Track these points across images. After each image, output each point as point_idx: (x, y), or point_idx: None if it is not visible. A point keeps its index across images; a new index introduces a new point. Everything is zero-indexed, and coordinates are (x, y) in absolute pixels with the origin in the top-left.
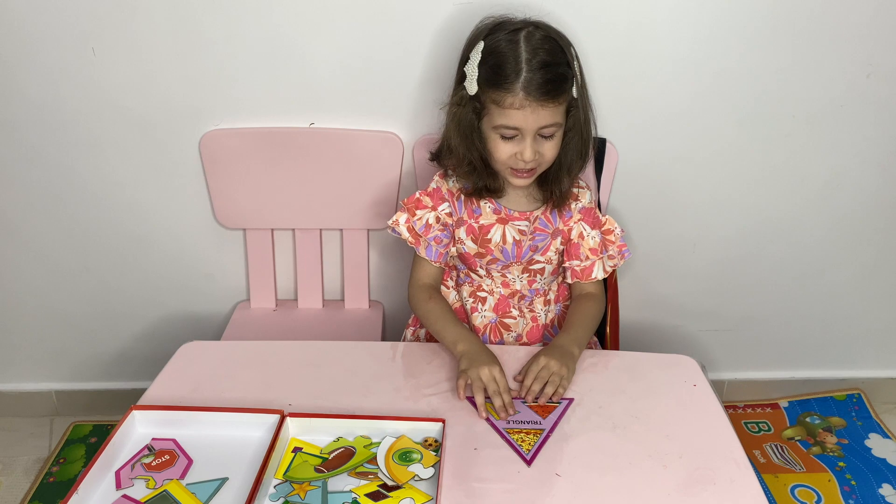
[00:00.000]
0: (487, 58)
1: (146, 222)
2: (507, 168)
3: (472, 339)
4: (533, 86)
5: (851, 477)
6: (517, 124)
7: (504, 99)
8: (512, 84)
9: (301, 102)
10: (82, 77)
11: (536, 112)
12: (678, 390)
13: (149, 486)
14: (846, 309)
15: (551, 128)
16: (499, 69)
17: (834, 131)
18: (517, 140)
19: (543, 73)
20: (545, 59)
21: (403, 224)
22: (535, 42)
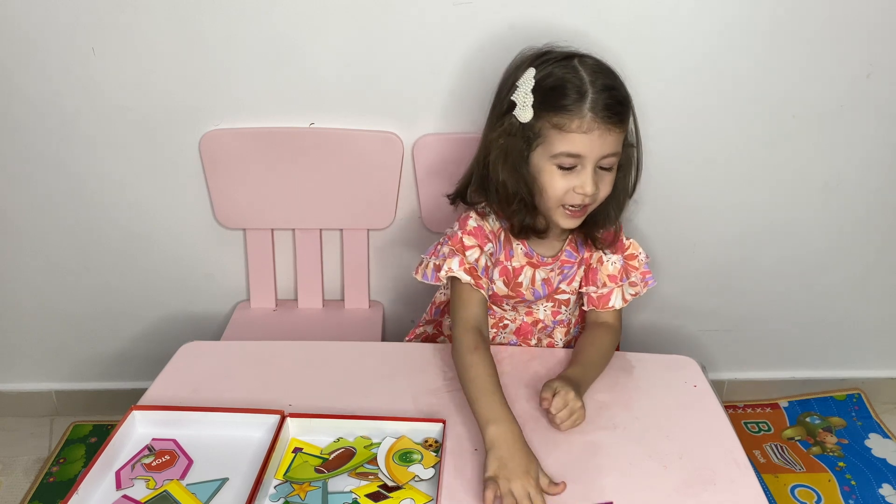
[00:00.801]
0: (543, 82)
1: (146, 222)
2: (559, 206)
3: (508, 423)
4: (600, 106)
5: (851, 477)
6: (581, 150)
7: (569, 122)
8: (578, 105)
9: (301, 102)
10: (82, 77)
11: (603, 137)
12: (678, 391)
13: (149, 487)
14: (846, 309)
15: (612, 158)
16: (561, 91)
17: (834, 132)
18: (576, 172)
19: (609, 94)
20: (607, 81)
21: (459, 268)
22: (591, 66)
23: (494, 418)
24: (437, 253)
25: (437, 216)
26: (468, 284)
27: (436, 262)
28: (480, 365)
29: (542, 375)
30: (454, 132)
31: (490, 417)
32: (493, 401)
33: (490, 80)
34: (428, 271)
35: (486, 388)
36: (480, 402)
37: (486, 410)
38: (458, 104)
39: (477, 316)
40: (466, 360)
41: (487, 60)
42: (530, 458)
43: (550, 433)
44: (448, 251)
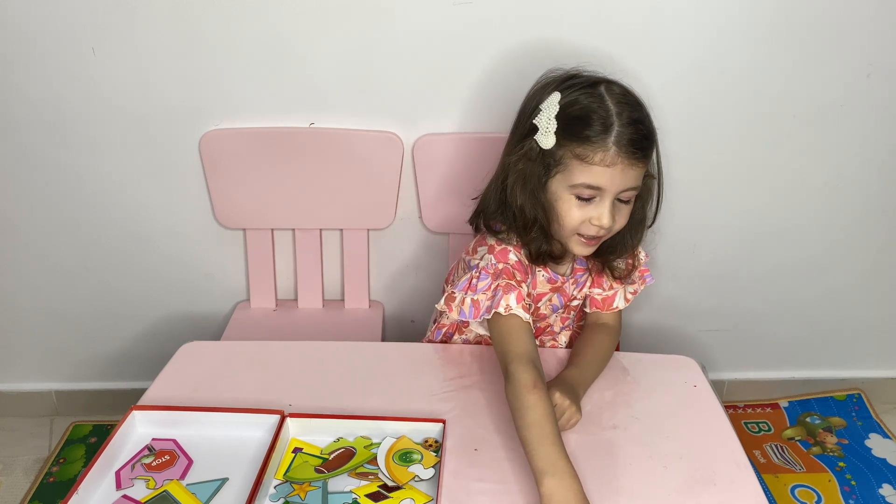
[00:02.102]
0: (567, 109)
1: (146, 222)
2: (574, 234)
3: (568, 478)
4: (624, 141)
5: (851, 477)
6: (602, 184)
7: (592, 154)
8: (603, 138)
9: (301, 102)
10: (82, 77)
11: (625, 171)
12: (678, 391)
13: (149, 487)
14: (846, 309)
15: (631, 191)
16: (586, 121)
17: (834, 131)
18: (594, 203)
19: (635, 129)
20: (634, 114)
21: (518, 305)
22: (618, 96)
23: (554, 471)
24: (472, 287)
25: (437, 216)
26: (522, 319)
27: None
28: (540, 407)
29: (549, 374)
30: (454, 132)
31: (549, 469)
32: (553, 451)
33: (491, 80)
34: (465, 307)
35: (545, 434)
36: (539, 450)
37: (545, 461)
38: (458, 104)
39: (531, 350)
40: (526, 400)
41: (487, 60)
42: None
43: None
44: (505, 284)
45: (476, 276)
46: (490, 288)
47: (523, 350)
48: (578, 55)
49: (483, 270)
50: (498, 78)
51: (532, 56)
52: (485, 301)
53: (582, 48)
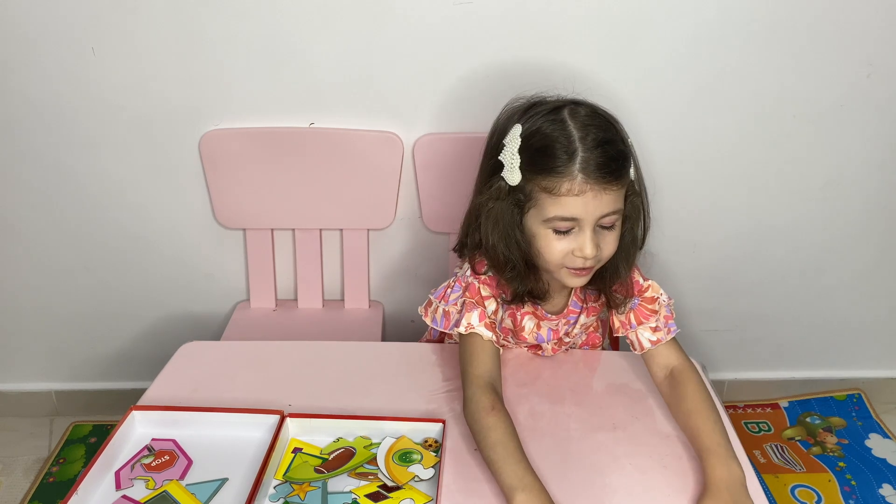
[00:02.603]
0: (529, 141)
1: (146, 222)
2: (561, 268)
3: (535, 491)
4: (591, 166)
5: (852, 477)
6: (575, 214)
7: (558, 185)
8: (567, 167)
9: (301, 102)
10: (82, 77)
11: (598, 197)
12: None
13: (148, 487)
14: (846, 309)
15: (612, 216)
16: (548, 151)
17: (834, 132)
18: (574, 234)
19: (602, 151)
20: (600, 136)
21: (480, 324)
22: (582, 119)
23: (522, 486)
24: (446, 297)
25: (437, 216)
26: (483, 338)
27: (445, 308)
28: (500, 427)
29: (543, 378)
30: (454, 132)
31: (517, 485)
32: (518, 467)
33: (491, 79)
34: (437, 316)
35: (509, 452)
36: (505, 468)
37: (512, 477)
38: (458, 104)
39: (490, 371)
40: (485, 423)
41: (487, 60)
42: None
43: (548, 435)
44: (466, 302)
45: (451, 286)
46: (458, 301)
47: (481, 372)
48: (579, 52)
49: (458, 281)
50: (498, 77)
51: (533, 55)
52: (454, 314)
53: (583, 45)
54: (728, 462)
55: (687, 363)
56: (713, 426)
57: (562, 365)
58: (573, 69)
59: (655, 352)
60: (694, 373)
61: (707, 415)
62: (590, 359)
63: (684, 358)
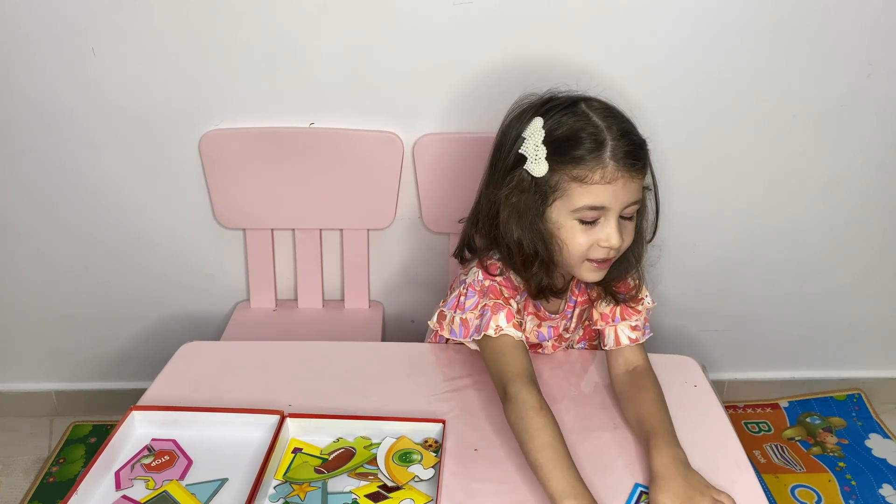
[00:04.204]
0: (554, 132)
1: (146, 222)
2: (583, 261)
3: (586, 499)
4: (621, 154)
5: (852, 477)
6: (605, 202)
7: (591, 174)
8: (598, 155)
9: (301, 102)
10: (81, 77)
11: (627, 185)
12: (679, 391)
13: (148, 487)
14: (847, 309)
15: (635, 205)
16: (576, 141)
17: (834, 131)
18: (599, 224)
19: (628, 140)
20: (624, 126)
21: (509, 324)
22: (601, 111)
23: (574, 493)
24: (461, 305)
25: (437, 216)
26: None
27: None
28: (550, 430)
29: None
30: (455, 132)
31: (568, 492)
32: (569, 474)
33: (491, 79)
34: (455, 326)
35: (560, 458)
36: (555, 474)
37: (563, 484)
38: (458, 104)
39: (530, 368)
40: (533, 423)
41: (488, 60)
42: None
43: None
44: (492, 303)
45: (464, 294)
46: (477, 306)
47: (521, 370)
48: (581, 50)
49: (470, 287)
50: (499, 77)
51: (534, 54)
52: (473, 320)
53: (585, 43)
54: (673, 444)
55: (650, 368)
56: (662, 415)
57: (561, 365)
58: (575, 67)
59: (626, 349)
60: (654, 376)
61: (659, 406)
62: (589, 358)
63: (649, 364)
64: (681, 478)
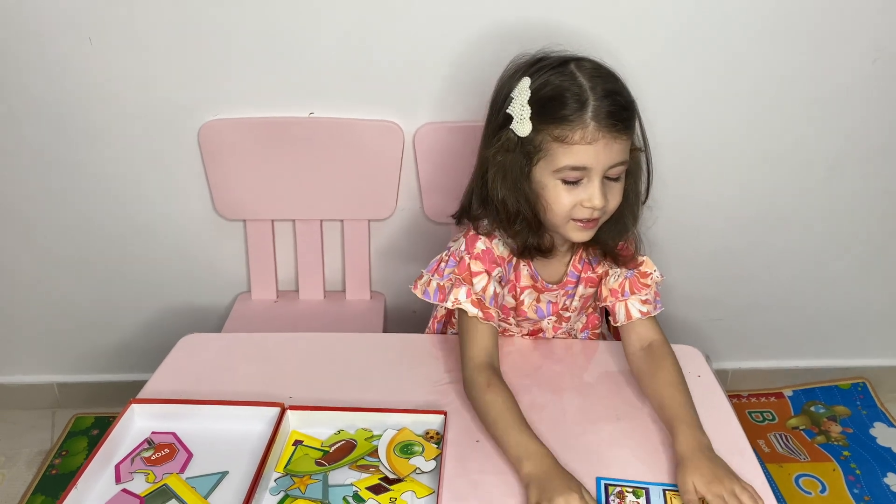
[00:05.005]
0: (540, 92)
1: (146, 214)
2: (568, 220)
3: (541, 457)
4: (603, 114)
5: (856, 466)
6: (586, 163)
7: (571, 134)
8: (579, 115)
9: (300, 92)
10: (79, 68)
11: (609, 146)
12: None
13: (148, 481)
14: (851, 297)
15: (620, 167)
16: (559, 100)
17: (839, 117)
18: (582, 184)
19: (612, 100)
20: (609, 86)
21: (467, 300)
22: (589, 70)
23: (528, 454)
24: (440, 271)
25: (438, 206)
26: (476, 317)
27: (439, 282)
28: (499, 402)
29: (544, 369)
30: (455, 121)
31: (522, 454)
32: (521, 437)
33: (491, 68)
34: (430, 290)
35: (511, 424)
36: (509, 440)
37: (517, 448)
38: (458, 92)
39: (486, 351)
40: (484, 400)
41: (489, 48)
42: (571, 478)
43: (553, 424)
44: (454, 279)
45: (445, 260)
46: (452, 277)
47: (476, 353)
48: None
49: (452, 256)
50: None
51: (536, 42)
52: (448, 287)
53: (585, 29)
54: (697, 431)
55: (666, 342)
56: (685, 399)
57: (563, 356)
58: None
59: (638, 323)
60: (671, 351)
61: (681, 389)
62: (591, 349)
63: (664, 337)
64: (707, 461)
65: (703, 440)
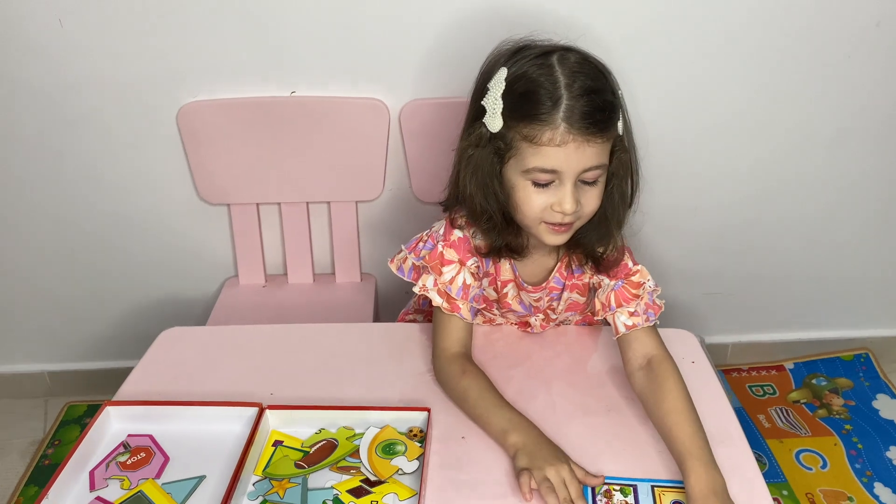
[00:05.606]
0: (514, 86)
1: (127, 201)
2: (540, 223)
3: (526, 428)
4: (576, 116)
5: (858, 440)
6: (556, 166)
7: (540, 134)
8: (550, 115)
9: (280, 70)
10: (51, 51)
11: (581, 149)
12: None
13: (123, 487)
14: (853, 266)
15: (595, 171)
16: (531, 97)
17: (841, 83)
18: (554, 187)
19: (588, 100)
20: (588, 84)
21: (433, 288)
22: (571, 65)
23: (513, 426)
24: (417, 250)
25: (427, 186)
26: (441, 307)
27: (415, 261)
28: (475, 387)
29: (533, 358)
30: (443, 97)
31: (507, 426)
32: (502, 412)
33: (480, 39)
34: (405, 267)
35: (490, 403)
36: (490, 418)
37: (500, 421)
38: (446, 66)
39: (458, 342)
40: (459, 388)
41: (477, 19)
42: (559, 449)
43: (546, 417)
44: (423, 265)
45: (423, 241)
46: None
47: (448, 345)
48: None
49: (430, 237)
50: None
51: (526, 14)
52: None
53: (574, 4)
54: (710, 468)
55: (666, 355)
56: (694, 429)
57: (553, 345)
58: (568, 23)
59: (632, 337)
60: (674, 367)
61: (687, 415)
62: (581, 338)
63: (664, 350)
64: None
65: (718, 481)
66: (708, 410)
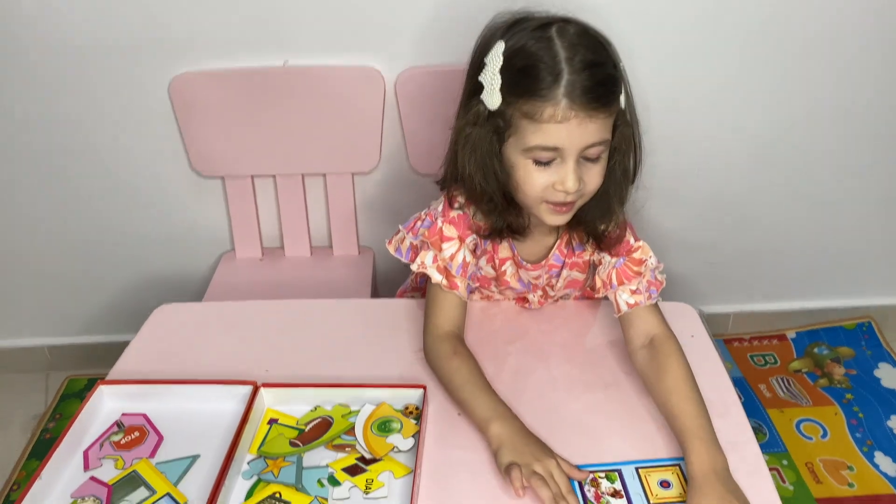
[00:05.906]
0: (512, 60)
1: (120, 174)
2: (541, 202)
3: (509, 419)
4: (578, 90)
5: (859, 409)
6: (558, 143)
7: (541, 110)
8: (551, 90)
9: (273, 39)
10: (40, 24)
11: (583, 125)
12: None
13: (117, 467)
14: (856, 235)
15: (598, 147)
16: (531, 72)
17: (847, 50)
18: (555, 165)
19: (589, 74)
20: (589, 57)
21: (433, 265)
22: (571, 38)
23: (495, 416)
24: (415, 230)
25: (424, 156)
26: (440, 284)
27: (413, 241)
28: (463, 369)
29: (531, 334)
30: (440, 64)
31: (489, 416)
32: (487, 400)
33: (478, 4)
34: (403, 248)
35: (476, 389)
36: (475, 403)
37: (484, 410)
38: (443, 33)
39: (451, 320)
40: (447, 368)
41: None
42: (544, 444)
43: (544, 393)
44: (423, 242)
45: (422, 219)
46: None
47: (440, 322)
48: None
49: (429, 216)
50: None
51: None
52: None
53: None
54: (712, 448)
55: (669, 333)
56: (696, 409)
57: (551, 319)
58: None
59: (633, 315)
60: (676, 346)
61: (689, 394)
62: (580, 312)
63: (666, 328)
64: (721, 486)
65: (719, 460)
66: (707, 384)
